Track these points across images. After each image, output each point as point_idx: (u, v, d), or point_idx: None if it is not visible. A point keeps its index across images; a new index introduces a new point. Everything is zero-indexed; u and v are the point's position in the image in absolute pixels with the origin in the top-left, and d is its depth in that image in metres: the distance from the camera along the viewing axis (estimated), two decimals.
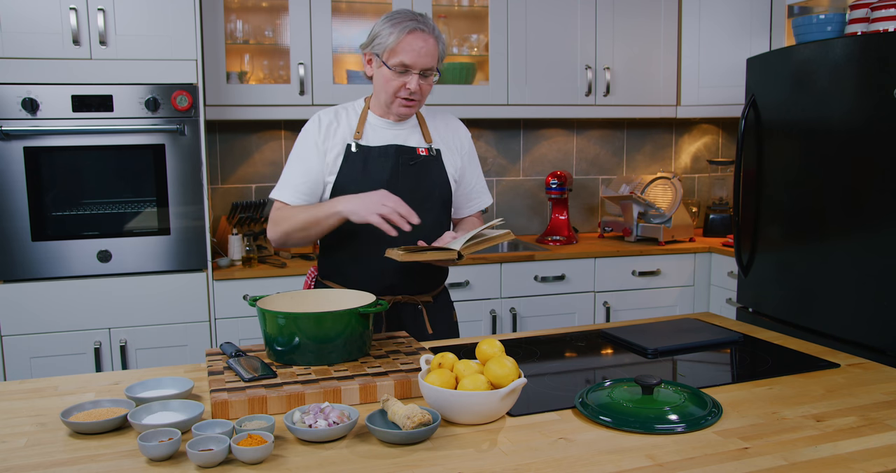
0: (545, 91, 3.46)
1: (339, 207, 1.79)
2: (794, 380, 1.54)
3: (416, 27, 1.84)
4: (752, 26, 3.47)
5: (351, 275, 1.95)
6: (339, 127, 1.95)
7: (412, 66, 1.84)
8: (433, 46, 1.86)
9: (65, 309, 2.75)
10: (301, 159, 1.93)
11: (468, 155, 2.09)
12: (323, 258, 2.04)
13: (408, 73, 1.85)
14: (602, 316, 3.36)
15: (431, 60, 1.86)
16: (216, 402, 1.34)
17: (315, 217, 1.83)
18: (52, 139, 2.68)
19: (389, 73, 1.87)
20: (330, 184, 1.92)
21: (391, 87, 1.88)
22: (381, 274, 1.93)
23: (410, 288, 1.98)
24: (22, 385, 1.56)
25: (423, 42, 1.84)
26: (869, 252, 2.44)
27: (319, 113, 1.99)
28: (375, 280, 1.93)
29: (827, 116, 2.59)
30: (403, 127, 1.99)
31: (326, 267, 2.03)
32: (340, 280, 1.98)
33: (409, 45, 1.83)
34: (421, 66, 1.85)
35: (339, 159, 1.92)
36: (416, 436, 1.21)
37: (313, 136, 1.94)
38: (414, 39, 1.83)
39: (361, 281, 1.92)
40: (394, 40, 1.83)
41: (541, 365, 1.69)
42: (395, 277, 1.94)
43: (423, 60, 1.84)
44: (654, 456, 1.17)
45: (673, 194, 3.53)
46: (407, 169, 1.94)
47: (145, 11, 2.74)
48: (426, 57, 1.84)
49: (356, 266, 1.95)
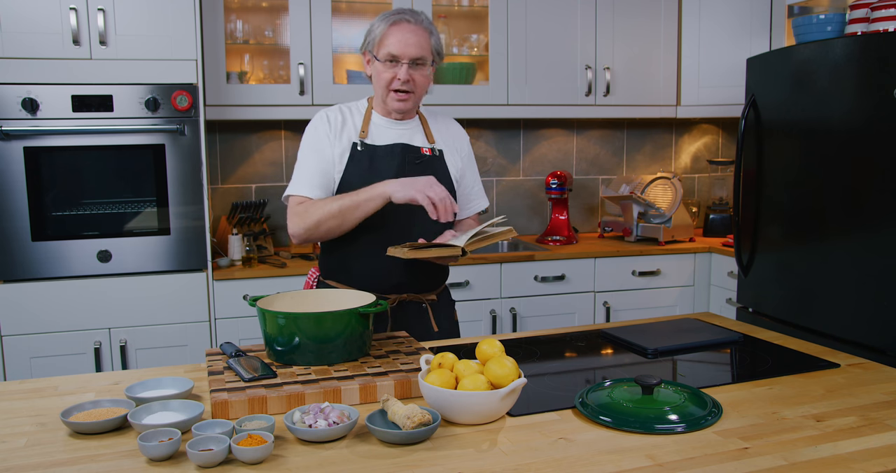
0: (545, 91, 3.46)
1: (383, 188, 1.77)
2: (794, 380, 1.54)
3: (402, 19, 1.86)
4: (752, 26, 3.47)
5: (356, 274, 1.95)
6: (344, 125, 1.95)
7: (400, 55, 1.85)
8: (421, 36, 1.86)
9: (65, 309, 2.75)
10: (315, 151, 1.92)
11: (467, 157, 2.10)
12: (325, 258, 2.03)
13: (397, 63, 1.86)
14: (602, 316, 3.36)
15: (420, 50, 1.86)
16: (216, 402, 1.34)
17: (354, 202, 1.80)
18: (52, 139, 2.68)
19: (380, 66, 1.88)
20: (336, 182, 1.92)
21: (383, 80, 1.88)
22: (386, 272, 1.93)
23: (415, 286, 1.98)
24: (22, 385, 1.56)
25: (409, 32, 1.85)
26: (869, 252, 2.44)
27: (325, 110, 1.98)
28: (381, 278, 1.92)
29: (827, 116, 2.59)
30: (407, 126, 1.99)
31: (330, 267, 2.02)
32: (345, 279, 1.97)
33: (395, 36, 1.85)
34: (409, 55, 1.85)
35: (345, 157, 1.92)
36: (416, 436, 1.21)
37: (324, 130, 1.93)
38: (399, 30, 1.85)
39: (367, 279, 1.92)
40: (381, 32, 1.86)
41: (541, 365, 1.69)
42: (401, 276, 1.94)
43: (410, 50, 1.85)
44: (654, 456, 1.17)
45: (673, 194, 3.53)
46: (413, 167, 1.94)
47: (145, 11, 2.74)
48: (414, 46, 1.85)
49: (361, 264, 1.94)
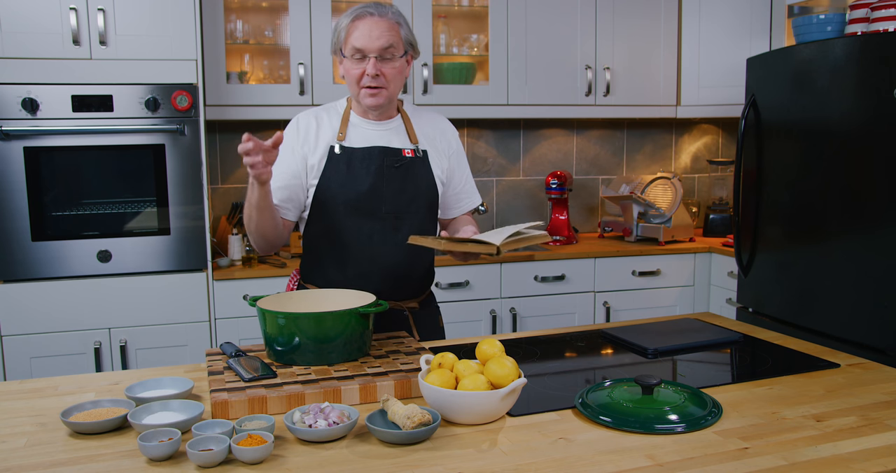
0: (545, 91, 3.46)
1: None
2: (794, 380, 1.54)
3: (364, 12, 1.82)
4: (752, 26, 3.47)
5: (333, 279, 1.89)
6: (319, 129, 1.90)
7: (364, 49, 1.80)
8: (386, 28, 1.81)
9: (65, 309, 2.75)
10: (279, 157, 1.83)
11: (456, 154, 2.04)
12: (305, 261, 1.97)
13: (364, 58, 1.81)
14: (602, 316, 3.36)
15: (386, 41, 1.80)
16: (216, 402, 1.34)
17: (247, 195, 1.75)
18: (52, 139, 2.68)
19: (349, 63, 1.83)
20: (313, 187, 1.87)
21: (353, 77, 1.84)
22: (366, 279, 1.87)
23: (397, 293, 1.92)
24: (22, 385, 1.56)
25: (373, 24, 1.80)
26: (869, 252, 2.44)
27: (298, 115, 1.94)
28: (360, 285, 1.82)
29: (827, 116, 2.59)
30: (387, 127, 1.94)
31: (308, 271, 1.96)
32: (322, 284, 1.91)
33: (359, 29, 1.80)
34: (375, 48, 1.80)
35: (322, 162, 1.87)
36: (416, 436, 1.21)
37: (290, 141, 1.88)
38: (363, 23, 1.80)
39: (344, 285, 1.85)
40: (343, 28, 1.82)
41: (541, 365, 1.68)
42: (381, 282, 1.88)
43: (375, 43, 1.80)
44: (654, 456, 1.17)
45: (673, 194, 3.53)
46: (392, 171, 1.88)
47: (145, 11, 2.74)
48: (378, 39, 1.80)
49: (338, 270, 1.89)
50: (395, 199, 1.88)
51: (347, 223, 1.86)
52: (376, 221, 1.87)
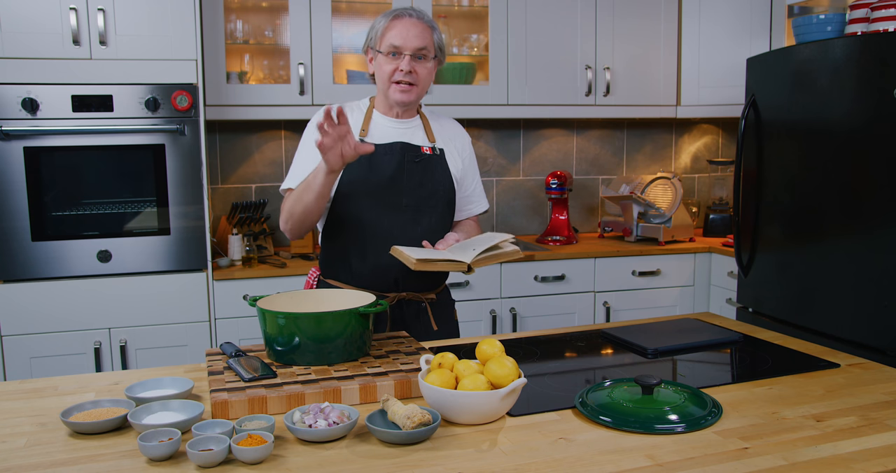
0: (545, 91, 3.46)
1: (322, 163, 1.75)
2: (794, 380, 1.54)
3: (402, 13, 1.91)
4: (751, 26, 3.47)
5: (356, 271, 1.95)
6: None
7: (402, 46, 1.88)
8: (423, 29, 1.90)
9: (65, 309, 2.75)
10: (311, 148, 1.92)
11: (468, 159, 2.11)
12: (325, 256, 2.03)
13: (400, 55, 1.89)
14: (602, 316, 3.36)
15: (422, 42, 1.89)
16: (216, 402, 1.34)
17: (306, 182, 1.82)
18: (52, 139, 2.68)
19: (383, 59, 1.91)
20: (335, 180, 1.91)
21: (385, 72, 1.91)
22: (386, 269, 1.93)
23: (415, 284, 1.98)
24: (22, 385, 1.56)
25: (410, 25, 1.89)
26: (869, 252, 2.44)
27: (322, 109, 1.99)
28: (381, 275, 1.93)
29: (827, 116, 2.59)
30: (408, 125, 2.00)
31: (329, 265, 2.02)
32: (345, 277, 1.97)
33: (398, 28, 1.89)
34: (411, 46, 1.88)
35: None
36: (416, 436, 1.21)
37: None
38: (401, 22, 1.89)
39: (366, 276, 1.94)
40: (382, 26, 1.91)
41: (541, 365, 1.69)
42: (400, 272, 1.94)
43: (412, 41, 1.88)
44: (654, 456, 1.17)
45: (673, 194, 3.54)
46: (412, 166, 1.95)
47: (145, 11, 2.74)
48: (415, 38, 1.88)
49: (361, 262, 1.95)
50: (414, 193, 1.94)
51: (369, 215, 1.92)
52: (397, 214, 1.93)
